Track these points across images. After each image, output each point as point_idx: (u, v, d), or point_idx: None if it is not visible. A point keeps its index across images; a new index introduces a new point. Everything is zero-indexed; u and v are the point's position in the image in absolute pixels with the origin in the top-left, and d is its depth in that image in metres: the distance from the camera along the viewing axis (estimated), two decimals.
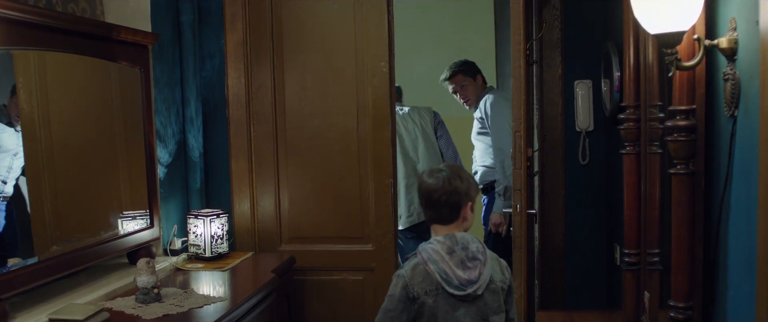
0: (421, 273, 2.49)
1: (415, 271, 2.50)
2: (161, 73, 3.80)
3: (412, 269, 2.51)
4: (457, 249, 2.50)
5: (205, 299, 3.06)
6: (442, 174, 2.56)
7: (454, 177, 2.56)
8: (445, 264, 2.47)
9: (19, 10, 2.61)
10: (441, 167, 2.65)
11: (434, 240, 2.54)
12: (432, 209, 2.58)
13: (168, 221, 3.86)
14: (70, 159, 3.22)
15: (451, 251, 2.50)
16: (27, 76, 2.85)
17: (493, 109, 4.62)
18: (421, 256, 2.52)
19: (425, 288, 2.48)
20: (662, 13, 1.98)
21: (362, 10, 3.99)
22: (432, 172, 2.61)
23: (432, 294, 2.47)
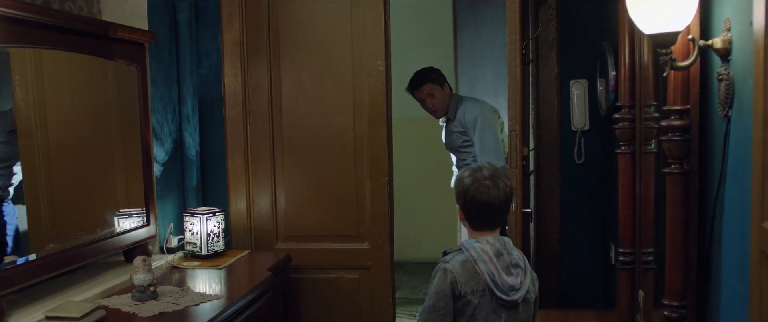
0: (470, 271, 2.39)
1: (463, 268, 2.40)
2: (158, 72, 3.80)
3: (460, 265, 2.40)
4: (504, 253, 2.42)
5: (201, 297, 3.06)
6: (494, 180, 2.44)
7: (501, 178, 2.47)
8: (493, 266, 2.38)
9: (16, 8, 2.61)
10: (482, 169, 2.50)
11: (483, 240, 2.44)
12: (488, 215, 2.47)
13: (164, 219, 3.86)
14: (66, 157, 3.22)
15: (499, 254, 2.41)
16: (23, 74, 2.85)
17: (478, 120, 4.33)
18: (469, 253, 2.41)
19: (473, 287, 2.38)
20: (657, 14, 2.00)
21: (359, 10, 4.00)
22: (479, 179, 2.46)
23: (478, 294, 2.38)
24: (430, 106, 4.49)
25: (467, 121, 4.38)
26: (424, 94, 4.46)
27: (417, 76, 4.51)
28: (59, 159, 3.16)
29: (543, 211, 4.16)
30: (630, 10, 2.09)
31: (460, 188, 2.49)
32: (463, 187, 2.47)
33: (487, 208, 2.44)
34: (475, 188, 2.44)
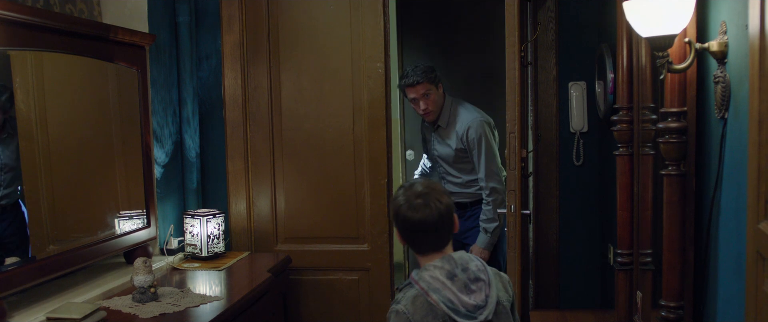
0: (423, 305, 2.18)
1: (415, 304, 2.19)
2: (158, 74, 3.82)
3: (411, 302, 2.19)
4: (457, 272, 2.21)
5: (201, 298, 3.08)
6: (425, 198, 2.24)
7: (433, 196, 2.25)
8: (449, 291, 2.17)
9: (17, 11, 2.62)
10: (414, 185, 2.31)
11: (430, 266, 2.23)
12: (425, 237, 2.27)
13: (165, 220, 3.87)
14: (67, 159, 3.24)
15: (451, 276, 2.20)
16: (24, 77, 2.86)
17: (483, 141, 4.06)
18: (419, 286, 2.21)
19: (430, 320, 2.16)
20: (654, 17, 2.01)
21: (358, 13, 4.02)
22: (410, 197, 2.26)
23: None
24: (424, 108, 4.11)
25: (470, 140, 4.07)
26: (419, 93, 4.06)
27: (413, 73, 4.09)
28: (60, 161, 3.17)
29: (542, 212, 4.17)
30: (627, 14, 2.11)
31: (394, 208, 2.29)
32: (395, 207, 2.28)
33: (420, 229, 2.24)
34: (405, 208, 2.24)
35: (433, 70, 4.14)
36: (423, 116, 4.21)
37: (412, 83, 4.05)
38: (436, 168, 4.39)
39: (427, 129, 4.39)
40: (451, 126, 4.15)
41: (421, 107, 4.11)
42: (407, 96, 4.16)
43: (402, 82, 4.13)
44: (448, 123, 4.16)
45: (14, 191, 2.84)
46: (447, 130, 4.18)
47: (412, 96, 4.11)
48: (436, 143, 4.28)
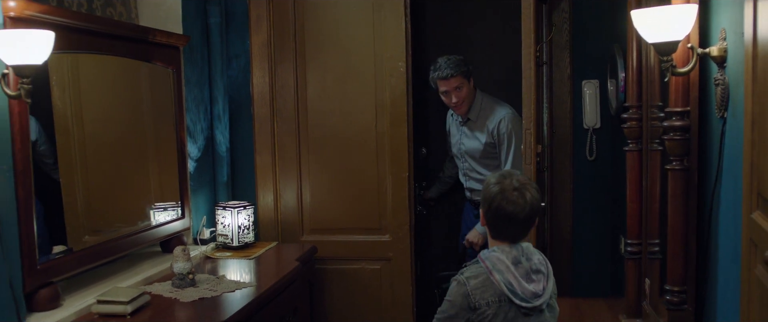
0: (484, 282, 2.36)
1: (478, 279, 2.37)
2: (191, 73, 4.01)
3: (474, 277, 2.38)
4: (522, 260, 2.39)
5: (236, 285, 3.28)
6: (522, 191, 2.39)
7: (530, 189, 2.42)
8: (511, 275, 2.35)
9: (73, 18, 2.85)
10: (511, 176, 2.45)
11: (498, 249, 2.41)
12: (511, 227, 2.42)
13: (197, 212, 4.08)
14: (110, 155, 3.44)
15: (516, 262, 2.38)
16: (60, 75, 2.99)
17: (513, 136, 4.09)
18: (485, 264, 2.39)
19: (487, 299, 2.35)
20: (660, 25, 2.19)
21: (381, 14, 4.20)
22: (507, 188, 2.40)
23: (494, 305, 2.35)
24: (455, 101, 4.14)
25: (501, 133, 4.11)
26: (452, 86, 4.11)
27: (446, 65, 4.12)
28: (104, 157, 3.37)
29: (556, 205, 4.33)
30: (635, 21, 2.29)
31: (486, 195, 2.43)
32: (490, 194, 2.41)
33: (510, 219, 2.39)
34: (501, 197, 2.38)
35: (466, 62, 4.17)
36: (454, 109, 4.27)
37: (445, 76, 4.09)
38: (461, 164, 4.43)
39: (454, 124, 4.42)
40: (482, 119, 4.20)
41: (453, 100, 4.15)
42: (439, 88, 4.19)
43: (435, 74, 4.15)
44: (479, 116, 4.22)
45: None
46: (477, 123, 4.23)
47: (444, 89, 4.15)
48: (463, 138, 4.33)
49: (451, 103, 4.18)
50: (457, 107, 4.20)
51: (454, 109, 4.25)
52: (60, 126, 3.03)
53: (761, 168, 1.78)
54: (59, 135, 3.02)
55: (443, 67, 4.12)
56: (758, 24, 1.79)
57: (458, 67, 4.11)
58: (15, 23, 2.52)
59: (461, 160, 4.41)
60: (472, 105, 4.23)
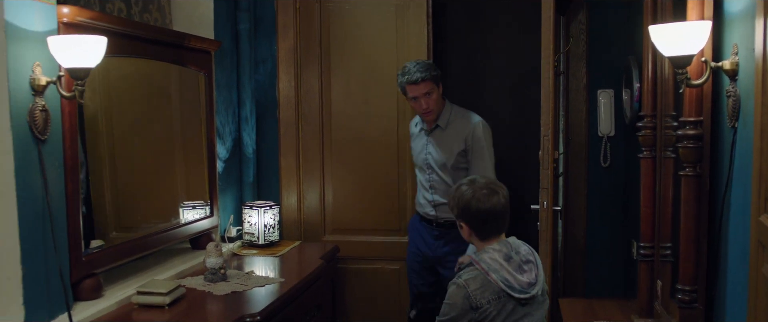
0: (482, 282, 2.54)
1: (475, 281, 2.55)
2: (221, 77, 4.18)
3: (472, 279, 2.55)
4: (513, 255, 2.58)
5: (265, 280, 3.43)
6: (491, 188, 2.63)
7: (497, 185, 2.66)
8: (505, 271, 2.53)
9: (116, 23, 3.01)
10: (475, 180, 2.69)
11: (489, 249, 2.60)
12: (493, 223, 2.63)
13: (224, 211, 4.24)
14: (143, 154, 3.60)
15: (508, 258, 2.57)
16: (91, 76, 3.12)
17: (484, 143, 3.97)
18: (480, 266, 2.57)
19: (487, 297, 2.53)
20: (675, 39, 2.33)
21: (404, 22, 4.36)
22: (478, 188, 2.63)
23: (494, 303, 2.52)
24: (425, 107, 3.89)
25: (476, 139, 3.95)
26: (421, 92, 3.85)
27: (416, 69, 3.86)
28: (131, 156, 3.51)
29: (571, 209, 4.45)
30: (652, 36, 2.43)
31: (462, 201, 2.62)
32: (464, 199, 2.62)
33: (490, 216, 2.61)
34: (477, 198, 2.59)
35: (436, 67, 3.96)
36: (423, 116, 3.98)
37: (415, 80, 3.83)
38: (425, 177, 4.08)
39: (418, 133, 4.13)
40: (454, 127, 3.98)
41: (423, 106, 3.89)
42: (407, 94, 3.92)
43: (404, 78, 3.86)
44: (449, 124, 3.99)
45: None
46: (447, 131, 3.99)
47: (413, 95, 3.88)
48: (429, 147, 4.04)
49: (421, 109, 3.91)
50: (427, 114, 3.93)
51: (424, 116, 3.97)
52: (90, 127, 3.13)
53: None
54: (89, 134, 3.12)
55: (413, 71, 3.85)
56: (767, 41, 1.94)
57: (428, 70, 3.87)
58: (67, 28, 2.69)
59: (426, 172, 4.08)
60: (441, 113, 4.00)
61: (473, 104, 5.17)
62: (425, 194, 4.09)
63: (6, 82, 2.42)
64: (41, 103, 2.56)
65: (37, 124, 2.54)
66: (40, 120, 2.55)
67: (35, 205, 2.56)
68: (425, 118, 3.99)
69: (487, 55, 5.11)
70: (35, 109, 2.53)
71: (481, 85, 5.26)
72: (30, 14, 2.53)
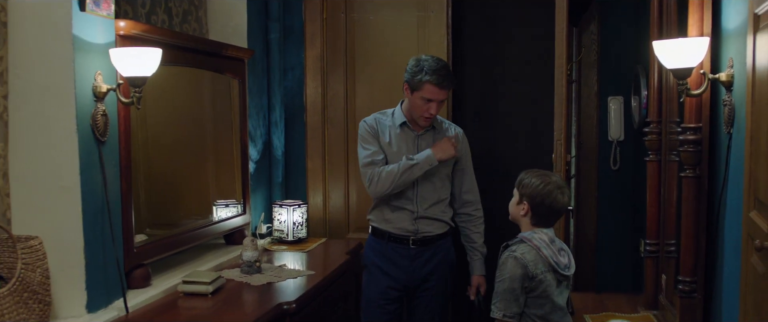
0: (535, 256, 2.82)
1: (530, 254, 2.83)
2: (253, 83, 4.45)
3: (526, 252, 2.83)
4: (555, 240, 2.92)
5: (297, 272, 3.70)
6: (563, 189, 2.92)
7: (566, 187, 3.02)
8: (550, 251, 2.84)
9: (166, 35, 3.29)
10: (550, 175, 2.96)
11: (539, 231, 2.90)
12: (554, 217, 2.96)
13: (255, 209, 4.50)
14: (182, 157, 3.87)
15: (551, 241, 2.89)
16: None
17: (469, 152, 3.84)
18: (532, 243, 2.85)
19: (540, 268, 2.81)
20: (677, 53, 2.59)
21: (425, 31, 4.62)
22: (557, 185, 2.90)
23: (544, 274, 2.82)
24: (433, 113, 3.56)
25: (465, 150, 3.79)
26: (440, 98, 3.54)
27: (447, 75, 3.53)
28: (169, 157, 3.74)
29: (582, 209, 4.69)
30: (656, 50, 2.68)
31: (536, 191, 2.89)
32: (539, 190, 2.89)
33: (557, 212, 2.94)
34: (554, 195, 2.88)
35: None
36: (423, 120, 3.59)
37: (442, 85, 3.49)
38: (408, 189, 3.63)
39: (398, 135, 3.68)
40: (444, 132, 3.73)
41: (431, 112, 3.54)
42: (417, 91, 3.52)
43: (426, 77, 3.47)
44: (439, 128, 3.74)
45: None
46: (442, 135, 3.70)
47: (429, 97, 3.50)
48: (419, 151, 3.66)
49: (427, 114, 3.54)
50: (427, 120, 3.59)
51: (424, 121, 3.58)
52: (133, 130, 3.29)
53: (757, 175, 2.18)
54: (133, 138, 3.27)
55: (442, 73, 3.49)
56: (756, 57, 2.19)
57: (453, 81, 3.61)
58: (123, 40, 2.96)
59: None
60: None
61: (489, 110, 5.45)
62: (402, 204, 3.63)
63: (73, 89, 2.70)
64: (102, 109, 2.83)
65: (98, 127, 2.81)
66: (101, 123, 2.82)
67: (96, 200, 2.84)
68: (423, 123, 3.61)
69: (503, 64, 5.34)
70: (97, 113, 2.81)
71: (497, 92, 5.49)
72: (92, 28, 2.81)
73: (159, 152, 3.63)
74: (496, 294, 2.86)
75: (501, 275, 2.86)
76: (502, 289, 2.83)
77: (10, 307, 2.36)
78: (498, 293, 2.85)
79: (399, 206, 3.65)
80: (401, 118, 3.67)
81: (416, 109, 3.57)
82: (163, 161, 3.70)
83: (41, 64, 2.70)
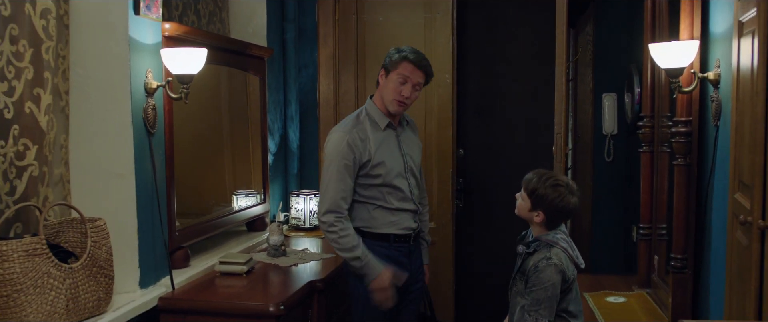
0: (565, 258, 2.85)
1: (560, 257, 2.84)
2: (271, 80, 4.75)
3: (558, 256, 2.84)
4: (567, 236, 2.98)
5: (319, 256, 4.01)
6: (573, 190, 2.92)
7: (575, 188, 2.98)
8: (572, 250, 2.90)
9: (204, 36, 3.60)
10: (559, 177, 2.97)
11: (560, 231, 2.94)
12: (566, 219, 3.05)
13: (273, 198, 4.81)
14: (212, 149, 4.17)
15: (569, 238, 2.97)
16: None
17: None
18: (560, 245, 2.87)
19: (571, 269, 2.87)
20: (670, 55, 2.92)
21: (431, 33, 4.93)
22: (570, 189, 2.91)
23: (573, 272, 2.88)
24: (408, 95, 3.41)
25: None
26: (416, 80, 3.42)
27: (423, 57, 3.46)
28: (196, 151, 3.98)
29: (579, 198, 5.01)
30: (652, 52, 3.01)
31: (552, 202, 2.87)
32: (555, 201, 2.87)
33: (570, 214, 2.97)
34: (567, 200, 2.88)
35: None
36: (398, 105, 3.42)
37: (420, 64, 3.41)
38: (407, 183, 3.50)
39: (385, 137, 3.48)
40: (411, 126, 3.70)
41: (407, 94, 3.40)
42: (394, 70, 3.41)
43: (402, 55, 3.40)
44: (409, 123, 3.70)
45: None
46: (410, 128, 3.68)
47: (406, 74, 3.38)
48: (404, 148, 3.54)
49: (404, 96, 3.39)
50: (402, 105, 3.43)
51: (399, 106, 3.42)
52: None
53: (741, 161, 2.51)
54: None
55: (421, 57, 3.44)
56: (740, 59, 2.52)
57: (430, 69, 3.48)
58: (168, 41, 3.27)
59: (407, 179, 3.52)
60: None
61: (491, 106, 5.77)
62: (403, 205, 3.49)
63: (129, 86, 3.00)
64: (152, 103, 3.14)
65: (149, 120, 3.11)
66: (151, 117, 3.12)
67: (147, 186, 3.14)
68: (398, 109, 3.44)
69: (504, 63, 5.67)
70: (148, 107, 3.11)
71: (498, 90, 5.82)
72: (144, 29, 3.11)
73: (189, 145, 3.86)
74: (539, 302, 2.79)
75: (541, 283, 2.80)
76: (545, 296, 2.79)
77: (84, 279, 2.65)
78: (540, 301, 2.79)
79: (401, 207, 3.47)
80: (384, 120, 3.46)
81: (390, 92, 3.40)
82: (193, 153, 3.95)
83: (99, 62, 3.00)
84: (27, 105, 2.72)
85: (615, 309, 3.59)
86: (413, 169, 3.54)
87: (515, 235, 3.14)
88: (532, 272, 2.83)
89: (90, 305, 2.69)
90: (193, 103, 3.84)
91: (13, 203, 2.65)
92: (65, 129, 3.00)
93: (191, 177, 3.94)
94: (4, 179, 2.61)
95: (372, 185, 3.39)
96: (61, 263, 2.58)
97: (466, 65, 5.63)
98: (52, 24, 2.86)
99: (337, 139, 3.38)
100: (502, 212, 5.57)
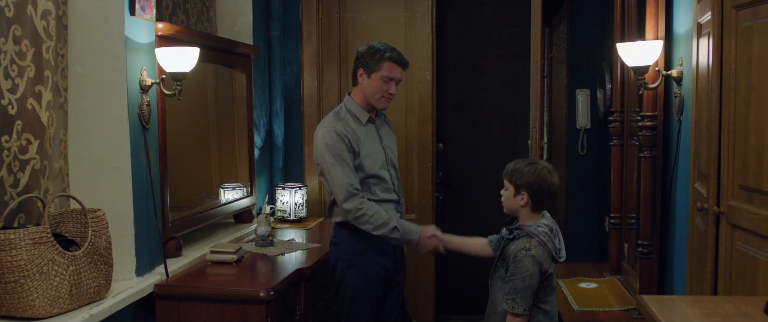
0: (543, 250, 2.83)
1: (538, 249, 2.83)
2: (257, 77, 4.89)
3: (536, 248, 2.83)
4: (552, 226, 2.93)
5: (305, 246, 4.17)
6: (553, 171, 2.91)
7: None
8: (551, 242, 2.87)
9: (195, 35, 3.74)
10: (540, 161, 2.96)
11: (541, 223, 2.90)
12: (552, 200, 2.94)
13: (259, 191, 4.96)
14: (201, 144, 4.30)
15: (551, 229, 2.91)
16: None
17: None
18: (539, 238, 2.84)
19: (548, 262, 2.85)
20: (636, 53, 3.11)
21: (411, 31, 5.10)
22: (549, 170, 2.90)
23: (551, 265, 2.88)
24: (393, 92, 3.54)
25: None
26: (399, 76, 3.53)
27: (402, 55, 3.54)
28: (184, 146, 4.18)
29: None
30: (619, 50, 3.21)
31: (532, 179, 2.87)
32: (534, 178, 2.87)
33: (554, 194, 2.92)
34: (548, 178, 2.88)
35: None
36: (382, 102, 3.54)
37: (402, 63, 3.51)
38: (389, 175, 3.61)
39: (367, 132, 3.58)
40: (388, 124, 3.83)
41: (392, 91, 3.52)
42: (378, 71, 3.47)
43: (386, 54, 3.46)
44: (385, 116, 3.80)
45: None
46: (386, 120, 3.80)
47: (390, 75, 3.47)
48: (384, 141, 3.66)
49: (388, 93, 3.51)
50: (386, 101, 3.55)
51: (383, 102, 3.54)
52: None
53: (700, 153, 2.71)
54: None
55: (400, 53, 3.52)
56: (699, 58, 2.72)
57: (407, 60, 3.57)
58: (161, 40, 3.41)
59: (390, 171, 3.63)
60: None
61: (470, 102, 5.94)
62: (387, 195, 3.56)
63: (125, 83, 3.14)
64: (147, 100, 3.28)
65: (144, 116, 3.26)
66: (146, 112, 3.28)
67: (142, 179, 3.29)
68: (381, 105, 3.56)
69: (482, 60, 5.84)
70: (143, 104, 3.26)
71: (476, 86, 5.99)
72: (139, 29, 3.25)
73: (179, 140, 3.94)
74: (516, 291, 2.82)
75: (519, 273, 2.82)
76: (522, 286, 2.81)
77: (86, 266, 2.81)
78: (518, 290, 2.82)
79: (386, 198, 3.54)
80: (365, 114, 3.57)
81: (376, 91, 3.49)
82: (182, 148, 4.04)
83: (97, 61, 3.14)
84: (29, 102, 2.86)
85: (587, 294, 3.79)
86: (393, 161, 3.65)
87: (493, 225, 3.28)
88: (512, 261, 2.86)
89: (91, 291, 2.85)
90: (182, 100, 4.01)
91: (17, 195, 2.79)
92: (64, 124, 3.14)
93: (181, 171, 4.05)
94: (9, 172, 2.76)
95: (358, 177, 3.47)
96: (65, 250, 2.73)
97: (445, 62, 5.80)
98: (52, 24, 3.00)
99: (325, 133, 3.47)
100: (480, 204, 5.81)
